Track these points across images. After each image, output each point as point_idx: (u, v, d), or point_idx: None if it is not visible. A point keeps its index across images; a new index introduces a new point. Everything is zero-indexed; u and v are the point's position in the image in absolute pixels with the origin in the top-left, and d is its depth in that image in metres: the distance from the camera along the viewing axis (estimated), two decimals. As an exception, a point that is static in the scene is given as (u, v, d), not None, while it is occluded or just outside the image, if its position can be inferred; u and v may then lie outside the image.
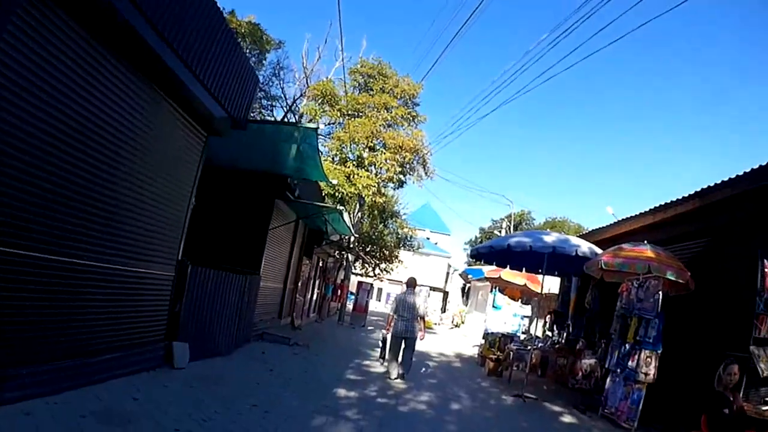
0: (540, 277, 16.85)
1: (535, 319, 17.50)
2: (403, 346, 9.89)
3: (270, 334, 12.49)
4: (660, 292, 7.80)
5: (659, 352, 7.64)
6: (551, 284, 16.94)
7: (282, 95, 25.24)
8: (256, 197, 11.75)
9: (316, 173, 11.10)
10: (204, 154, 7.85)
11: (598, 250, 9.79)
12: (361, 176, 17.52)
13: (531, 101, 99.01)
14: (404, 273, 35.37)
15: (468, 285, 32.99)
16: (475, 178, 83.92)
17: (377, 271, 30.01)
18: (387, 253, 29.03)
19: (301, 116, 20.29)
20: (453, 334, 27.42)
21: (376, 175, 18.39)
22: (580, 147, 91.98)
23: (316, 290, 20.31)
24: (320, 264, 20.58)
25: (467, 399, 9.43)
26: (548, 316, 16.30)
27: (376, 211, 23.49)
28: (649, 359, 7.72)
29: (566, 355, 12.30)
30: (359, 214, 21.91)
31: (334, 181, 13.32)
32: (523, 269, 13.33)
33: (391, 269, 30.54)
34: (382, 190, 20.05)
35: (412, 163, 19.10)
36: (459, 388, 10.46)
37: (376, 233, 27.84)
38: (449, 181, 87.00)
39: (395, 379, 9.75)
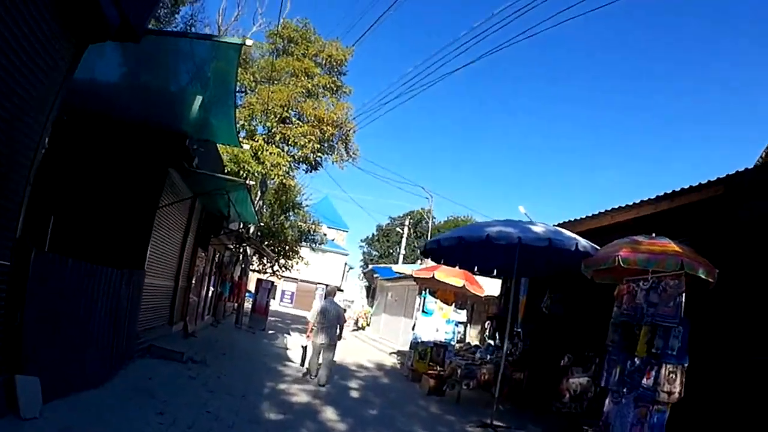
0: (479, 278, 15.04)
1: (470, 325, 15.62)
2: (321, 352, 9.93)
3: (159, 348, 9.51)
4: (683, 294, 6.15)
5: (686, 365, 6.03)
6: (489, 286, 15.19)
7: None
8: (142, 163, 8.69)
9: (224, 131, 8.30)
10: (73, 66, 4.87)
11: (593, 246, 7.93)
12: (271, 153, 14.62)
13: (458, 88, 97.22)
14: (304, 270, 33.28)
15: (373, 285, 30.82)
16: (390, 168, 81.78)
17: (275, 267, 27.10)
18: (287, 248, 26.22)
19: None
20: (360, 339, 25.12)
21: (287, 153, 15.47)
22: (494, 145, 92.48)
23: (211, 288, 17.17)
24: (216, 257, 17.46)
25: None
26: (487, 322, 14.48)
27: (282, 198, 20.42)
28: (672, 375, 6.07)
29: (522, 369, 10.60)
30: (260, 202, 19.01)
31: (246, 146, 10.28)
32: (475, 268, 11.25)
33: (291, 266, 27.75)
34: (293, 171, 17.17)
35: (333, 140, 16.35)
36: (406, 417, 8.59)
37: (277, 225, 24.91)
38: (362, 170, 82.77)
39: (314, 378, 9.89)
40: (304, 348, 11.22)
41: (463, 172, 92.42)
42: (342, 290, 44.75)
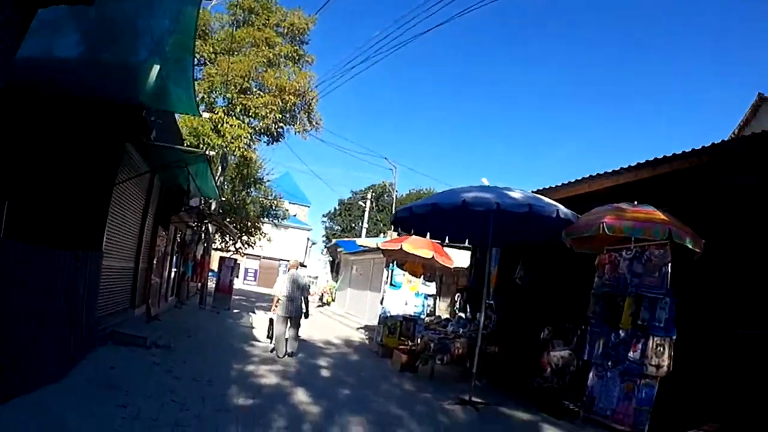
0: (448, 249, 14.77)
1: (439, 298, 15.41)
2: (288, 324, 10.20)
3: (121, 334, 9.00)
4: (669, 264, 6.04)
5: (674, 338, 5.95)
6: (458, 258, 14.97)
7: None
8: (97, 139, 8.04)
9: (183, 99, 7.69)
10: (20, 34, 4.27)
11: (574, 214, 7.63)
12: (231, 125, 13.93)
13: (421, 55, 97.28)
14: (266, 247, 32.64)
15: (337, 259, 30.43)
16: (353, 139, 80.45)
17: (238, 244, 26.42)
18: (249, 224, 25.55)
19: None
20: (326, 315, 24.80)
21: (248, 124, 14.77)
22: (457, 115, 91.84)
23: (173, 269, 16.49)
24: (178, 236, 16.76)
25: (407, 416, 7.02)
26: (457, 294, 14.29)
27: (244, 172, 19.65)
28: (660, 348, 5.99)
29: (496, 342, 10.37)
30: (221, 177, 18.33)
31: (206, 115, 9.64)
32: (446, 238, 10.94)
33: (253, 243, 27.11)
34: (254, 143, 16.46)
35: (295, 109, 15.69)
36: (380, 395, 8.29)
37: (238, 201, 24.19)
38: (324, 141, 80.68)
39: (283, 357, 10.04)
40: (271, 320, 10.94)
41: (427, 144, 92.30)
42: (305, 266, 44.27)
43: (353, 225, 54.11)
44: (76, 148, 7.98)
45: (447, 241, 11.16)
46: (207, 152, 8.23)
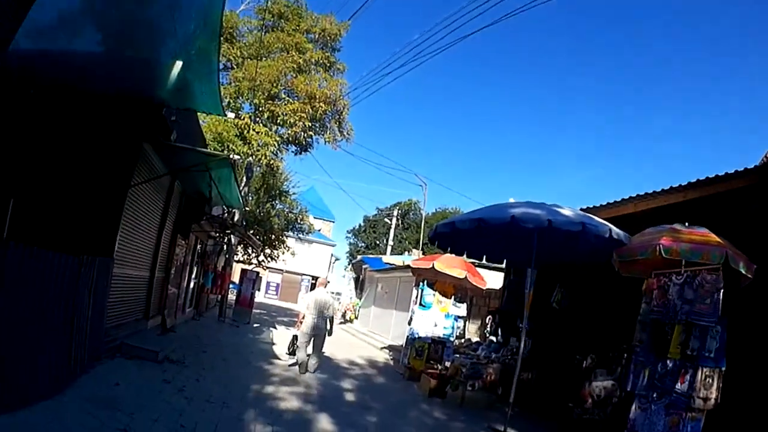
0: (481, 270, 14.06)
1: (469, 320, 14.65)
2: (312, 341, 10.12)
3: (131, 347, 8.43)
4: (721, 290, 5.49)
5: (723, 369, 5.48)
6: (490, 279, 14.28)
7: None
8: (113, 138, 7.54)
9: (206, 97, 7.15)
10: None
11: (626, 234, 7.00)
12: (257, 132, 13.39)
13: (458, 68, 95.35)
14: (289, 261, 32.12)
15: (362, 276, 29.74)
16: (382, 153, 79.52)
17: (261, 257, 25.91)
18: (273, 237, 25.04)
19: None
20: (348, 332, 24.09)
21: (275, 132, 14.20)
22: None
23: (193, 279, 15.98)
24: (198, 246, 16.27)
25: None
26: (488, 317, 13.53)
27: (270, 182, 19.05)
28: (709, 379, 5.46)
29: (529, 368, 9.76)
30: (245, 188, 17.83)
31: (231, 114, 8.99)
32: (483, 258, 10.24)
33: (276, 256, 26.56)
34: (282, 153, 15.86)
35: (325, 118, 15.08)
36: (409, 424, 7.74)
37: (262, 213, 23.70)
38: (352, 155, 78.21)
39: (304, 373, 9.94)
40: (294, 336, 10.91)
41: (456, 162, 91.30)
42: (328, 281, 43.57)
43: (378, 242, 53.52)
44: (90, 146, 7.48)
45: (484, 260, 10.44)
46: (231, 156, 7.60)
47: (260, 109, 13.65)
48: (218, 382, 8.01)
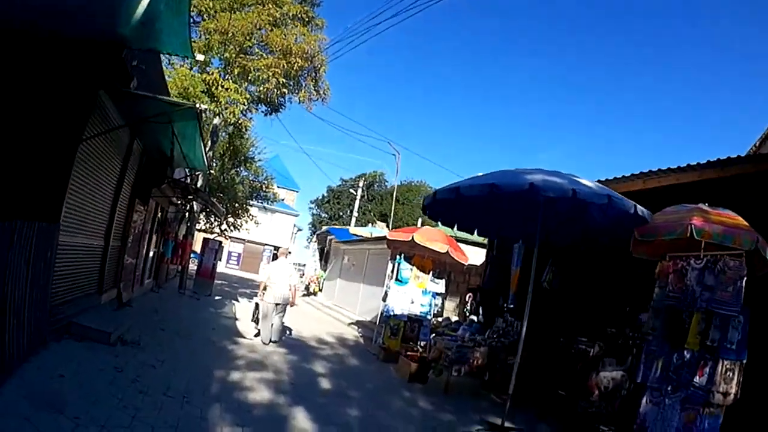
0: (464, 245, 13.31)
1: (447, 298, 13.87)
2: (274, 310, 10.30)
3: (81, 326, 7.35)
4: (744, 278, 5.10)
5: (744, 362, 5.13)
6: (471, 254, 13.52)
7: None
8: (61, 82, 6.33)
9: (173, 34, 6.00)
10: None
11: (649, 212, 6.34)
12: (227, 88, 12.12)
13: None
14: (252, 231, 30.87)
15: (327, 247, 28.74)
16: (355, 118, 76.53)
17: (224, 226, 24.67)
18: (237, 205, 23.80)
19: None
20: (313, 306, 23.20)
21: (246, 89, 12.88)
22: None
23: (152, 249, 14.74)
24: (159, 213, 15.01)
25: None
26: (469, 294, 12.77)
27: (235, 145, 17.62)
28: (730, 373, 5.10)
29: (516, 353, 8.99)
30: (210, 152, 16.58)
31: (200, 56, 7.70)
32: (475, 232, 9.40)
33: (240, 225, 25.36)
34: (252, 112, 14.54)
35: (300, 76, 13.78)
36: (395, 418, 6.94)
37: (227, 179, 22.39)
38: (322, 119, 73.46)
39: (268, 344, 10.14)
40: (257, 305, 11.38)
41: (433, 133, 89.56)
42: (290, 252, 42.51)
43: (341, 213, 52.61)
44: (35, 95, 6.27)
45: (476, 234, 9.62)
46: (197, 105, 6.48)
47: (231, 64, 12.36)
48: (177, 369, 7.01)
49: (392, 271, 12.75)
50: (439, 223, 9.00)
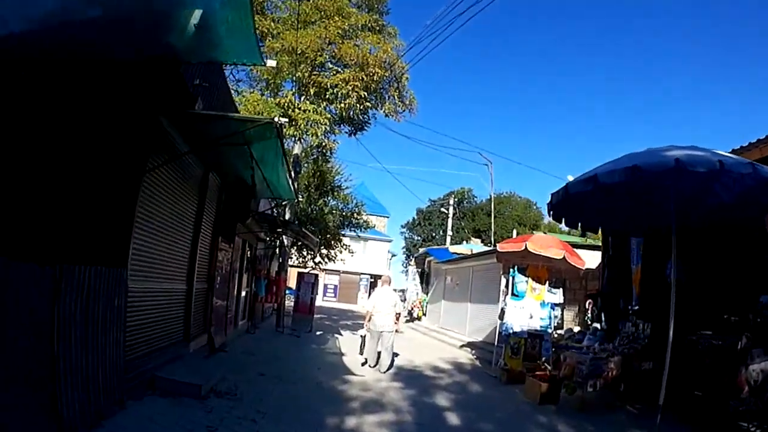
0: (577, 250, 11.90)
1: (565, 308, 12.45)
2: (380, 339, 10.21)
3: (165, 380, 6.58)
4: None
5: None
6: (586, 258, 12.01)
7: None
8: (116, 112, 5.64)
9: (238, 40, 5.17)
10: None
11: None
12: (305, 110, 11.35)
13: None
14: (347, 260, 30.21)
15: (427, 270, 27.58)
16: (439, 129, 73.03)
17: (317, 258, 24.05)
18: (329, 236, 23.13)
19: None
20: (418, 331, 22.07)
21: (325, 108, 12.03)
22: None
23: (243, 288, 14.18)
24: (247, 251, 14.48)
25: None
26: (588, 301, 11.39)
27: (321, 170, 16.73)
28: None
29: (648, 357, 8.03)
30: (294, 184, 16.02)
31: (271, 63, 6.76)
32: (599, 230, 8.19)
33: (334, 256, 24.67)
34: (335, 132, 13.66)
35: (381, 88, 12.78)
36: None
37: (315, 210, 21.82)
38: (408, 137, 71.77)
39: (374, 367, 10.18)
40: (363, 337, 11.29)
41: (524, 138, 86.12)
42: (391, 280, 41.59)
43: (434, 234, 51.45)
44: (87, 128, 5.60)
45: (600, 231, 8.41)
46: (276, 119, 5.56)
47: (304, 84, 11.59)
48: (282, 421, 6.07)
49: (506, 286, 11.62)
50: (563, 224, 7.74)
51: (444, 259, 23.25)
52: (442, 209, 43.65)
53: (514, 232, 35.05)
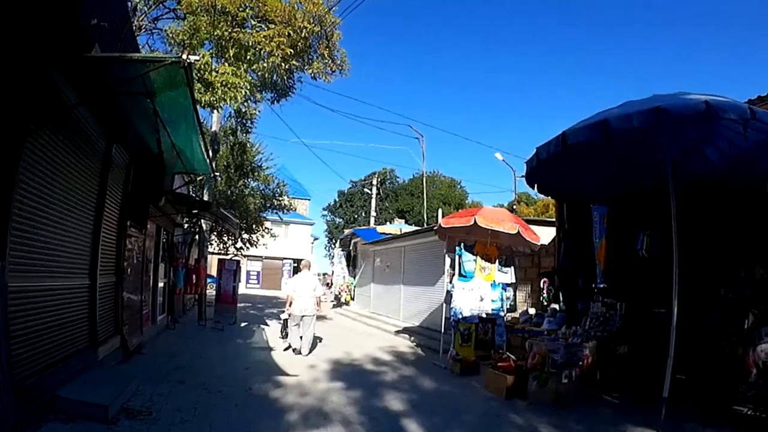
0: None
1: (517, 288, 11.76)
2: (302, 323, 10.38)
3: (67, 401, 5.27)
4: None
5: None
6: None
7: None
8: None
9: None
10: None
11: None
12: (222, 72, 9.86)
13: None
14: (269, 245, 28.68)
15: (353, 252, 26.60)
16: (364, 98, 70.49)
17: (239, 244, 22.53)
18: (250, 219, 21.64)
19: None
20: (348, 317, 21.08)
21: (246, 71, 10.51)
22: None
23: (161, 280, 12.60)
24: (163, 237, 12.89)
25: None
26: (543, 280, 10.76)
27: (241, 143, 14.94)
28: None
29: (624, 340, 7.68)
30: (210, 157, 14.48)
31: (194, 58, 5.49)
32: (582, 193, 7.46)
33: (257, 240, 23.23)
34: (257, 96, 12.07)
35: (309, 45, 11.27)
36: None
37: (235, 192, 20.27)
38: (331, 110, 66.39)
39: (297, 352, 10.32)
40: (284, 321, 11.41)
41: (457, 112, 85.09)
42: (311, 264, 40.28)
43: (356, 216, 50.59)
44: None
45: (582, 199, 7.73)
46: (183, 57, 4.29)
47: (223, 44, 10.09)
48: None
49: (451, 266, 10.81)
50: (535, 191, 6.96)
51: (372, 240, 22.32)
52: (366, 190, 42.79)
53: (440, 211, 34.63)
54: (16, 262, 4.68)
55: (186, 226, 16.35)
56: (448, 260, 11.28)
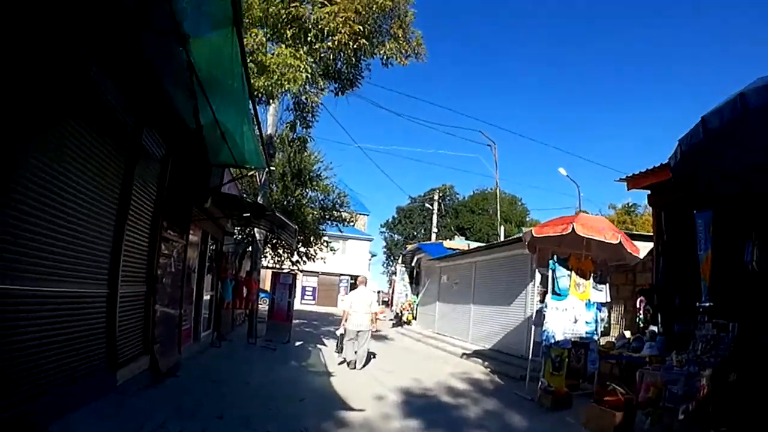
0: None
1: (611, 307, 10.11)
2: (357, 339, 10.52)
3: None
4: None
5: None
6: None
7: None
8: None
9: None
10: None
11: None
12: (278, 54, 8.53)
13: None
14: (328, 261, 27.39)
15: (417, 268, 25.05)
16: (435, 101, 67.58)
17: (295, 257, 21.28)
18: (308, 232, 20.32)
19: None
20: (410, 337, 19.58)
21: (306, 52, 9.08)
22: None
23: (206, 292, 11.45)
24: (210, 246, 11.76)
25: None
26: (640, 298, 9.12)
27: (298, 139, 13.46)
28: None
29: (734, 367, 6.10)
30: (264, 147, 13.10)
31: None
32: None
33: (314, 254, 21.92)
34: (319, 83, 10.50)
35: (380, 24, 9.73)
36: None
37: (292, 202, 19.09)
38: (396, 113, 63.16)
39: (352, 367, 10.33)
40: (341, 336, 11.27)
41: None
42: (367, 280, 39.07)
43: (415, 233, 49.29)
44: None
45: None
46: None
47: (279, 24, 8.80)
48: None
49: (541, 283, 9.32)
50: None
51: (438, 255, 20.77)
52: (426, 205, 41.48)
53: (501, 228, 32.85)
54: (6, 258, 3.48)
55: (237, 236, 15.25)
56: (538, 276, 9.70)
